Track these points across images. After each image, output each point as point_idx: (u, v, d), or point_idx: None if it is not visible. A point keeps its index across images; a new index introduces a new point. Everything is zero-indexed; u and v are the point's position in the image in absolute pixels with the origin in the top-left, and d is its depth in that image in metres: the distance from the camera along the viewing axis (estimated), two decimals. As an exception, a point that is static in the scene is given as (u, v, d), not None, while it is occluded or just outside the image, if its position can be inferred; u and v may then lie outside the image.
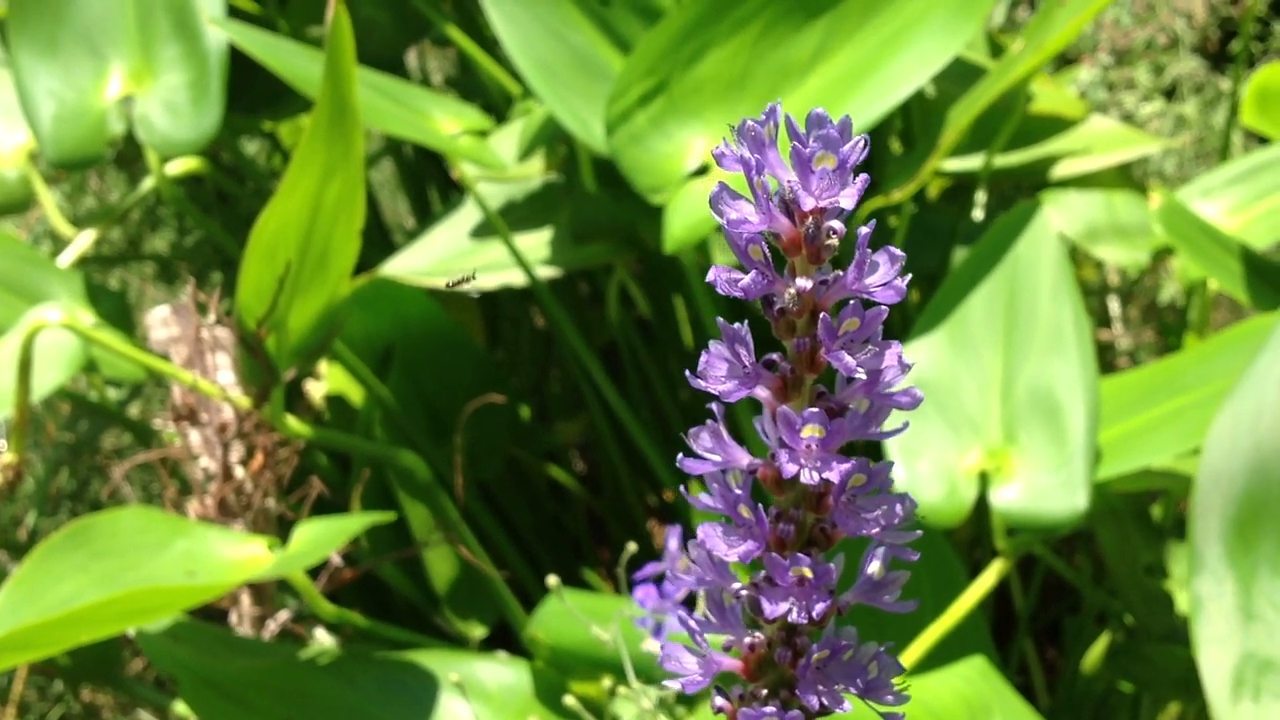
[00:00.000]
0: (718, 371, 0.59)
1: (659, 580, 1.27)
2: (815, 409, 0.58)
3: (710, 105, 1.55)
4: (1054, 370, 1.41)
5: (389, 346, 1.76)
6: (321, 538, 1.30)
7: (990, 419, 1.41)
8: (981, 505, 1.39)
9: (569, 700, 1.18)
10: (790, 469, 0.58)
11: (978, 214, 1.79)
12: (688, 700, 1.30)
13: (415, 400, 1.77)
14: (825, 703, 0.60)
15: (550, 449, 2.07)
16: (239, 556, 1.31)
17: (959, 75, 1.78)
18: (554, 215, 1.78)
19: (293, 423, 1.38)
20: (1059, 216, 1.76)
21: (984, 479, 1.38)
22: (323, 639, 1.54)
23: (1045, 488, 1.35)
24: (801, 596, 0.59)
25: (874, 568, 0.62)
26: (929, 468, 1.39)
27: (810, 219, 0.57)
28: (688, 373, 0.59)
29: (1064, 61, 2.34)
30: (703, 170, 1.52)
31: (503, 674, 1.36)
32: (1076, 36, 1.52)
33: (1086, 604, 1.75)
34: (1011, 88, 1.60)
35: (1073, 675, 1.75)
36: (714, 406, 0.60)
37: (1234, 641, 1.14)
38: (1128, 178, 1.85)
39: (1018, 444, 1.38)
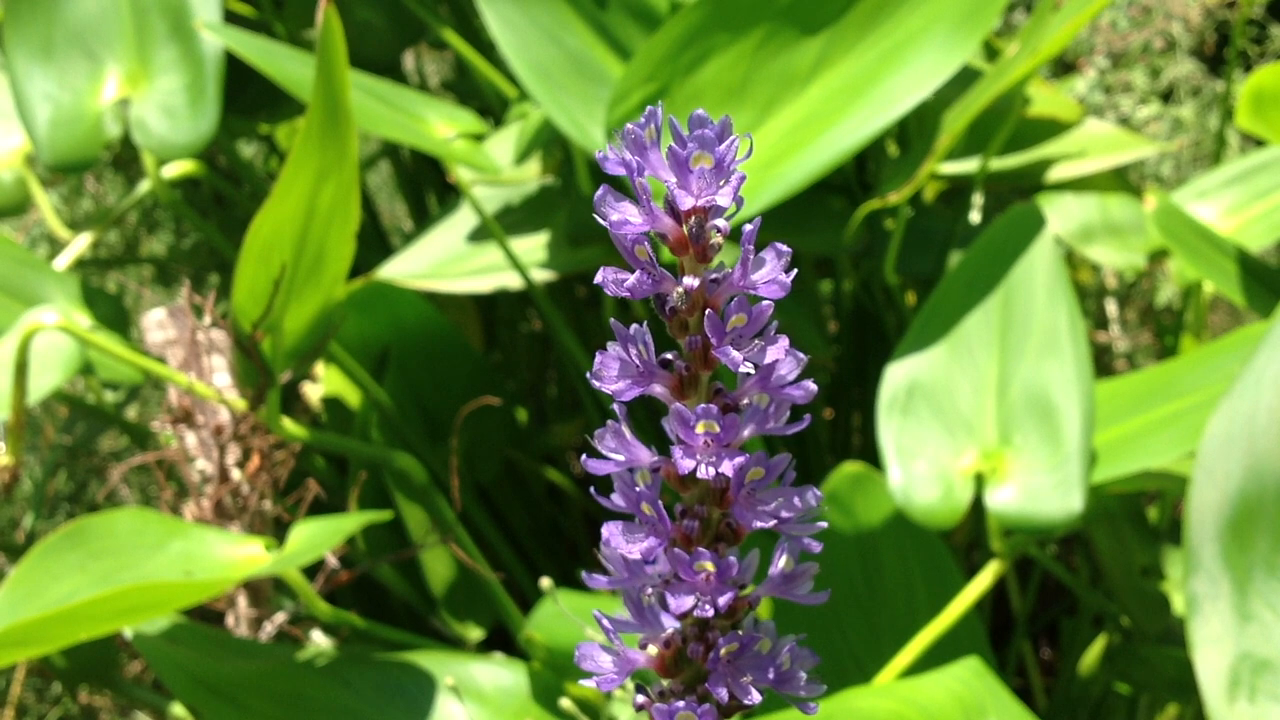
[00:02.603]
0: (611, 371, 0.60)
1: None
2: (708, 405, 0.58)
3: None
4: (1049, 372, 1.41)
5: (385, 349, 1.76)
6: (318, 538, 1.30)
7: (986, 420, 1.41)
8: (978, 507, 1.39)
9: (565, 702, 1.18)
10: (686, 465, 0.59)
11: (974, 216, 1.79)
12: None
13: (412, 403, 1.77)
14: (735, 695, 0.60)
15: (547, 451, 2.07)
16: (236, 556, 1.31)
17: (955, 78, 1.78)
18: (550, 218, 1.78)
19: (289, 425, 1.38)
20: (1054, 219, 1.76)
21: (979, 480, 1.38)
22: (319, 640, 1.54)
23: (1040, 489, 1.35)
24: (707, 591, 0.60)
25: (783, 561, 0.63)
26: (925, 469, 1.40)
27: (693, 218, 0.58)
28: (587, 374, 0.60)
29: (1063, 67, 2.34)
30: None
31: (499, 675, 1.36)
32: (1072, 40, 1.52)
33: (1083, 606, 1.75)
34: (1007, 91, 1.60)
35: (1070, 677, 1.75)
36: (616, 407, 0.60)
37: (1229, 642, 1.14)
38: (1123, 181, 1.85)
39: (1013, 445, 1.38)
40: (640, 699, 0.62)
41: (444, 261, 1.76)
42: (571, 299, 2.09)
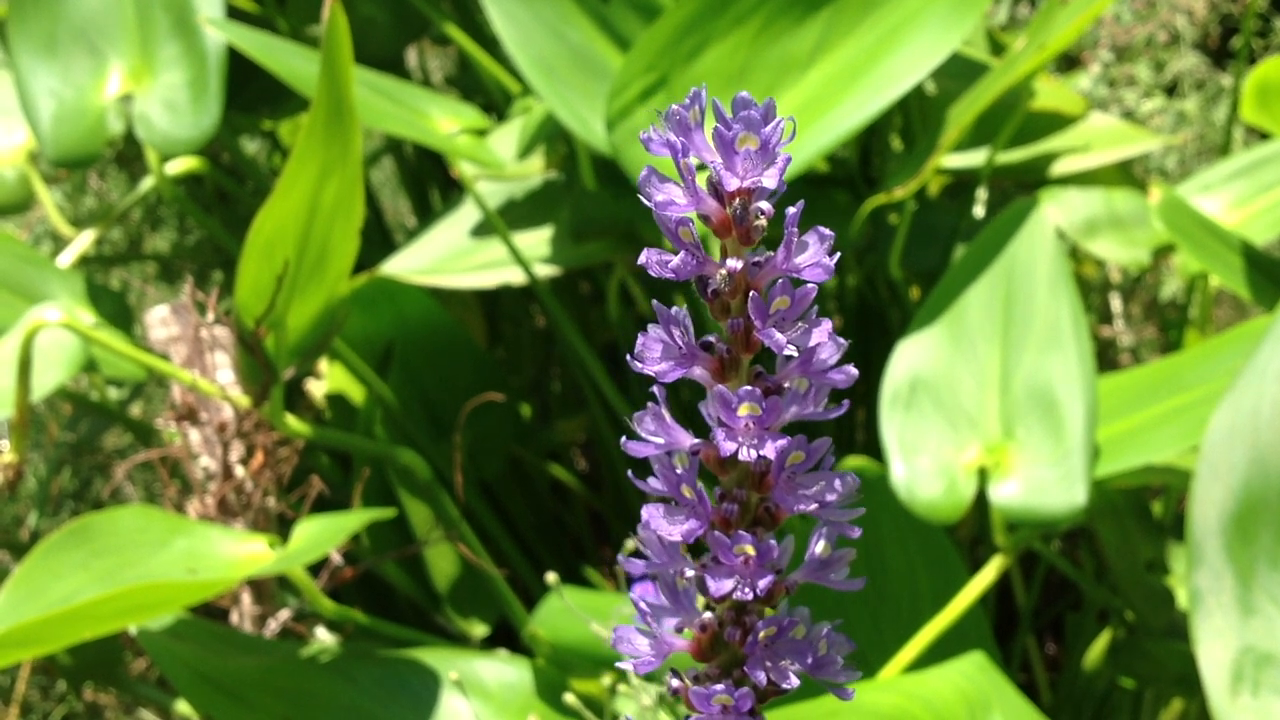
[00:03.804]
0: (653, 353, 0.60)
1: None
2: (750, 387, 0.58)
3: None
4: (1052, 366, 1.40)
5: (389, 345, 1.76)
6: (322, 535, 1.30)
7: (988, 415, 1.41)
8: (981, 501, 1.39)
9: (569, 698, 1.18)
10: (728, 447, 0.58)
11: (978, 211, 1.79)
12: (688, 697, 1.30)
13: (415, 399, 1.77)
14: (773, 679, 0.60)
15: (551, 447, 2.07)
16: (240, 554, 1.31)
17: (960, 72, 1.78)
18: (554, 213, 1.78)
19: (292, 421, 1.38)
20: (1059, 214, 1.76)
21: (983, 475, 1.38)
22: (323, 637, 1.54)
23: (1044, 483, 1.34)
24: (746, 574, 0.60)
25: (820, 546, 0.63)
26: (928, 464, 1.39)
27: (737, 200, 0.58)
28: (628, 356, 0.60)
29: (1066, 61, 2.34)
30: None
31: (503, 672, 1.36)
32: (1078, 35, 1.52)
33: (1088, 600, 1.75)
34: (1013, 86, 1.59)
35: (1074, 672, 1.74)
36: (656, 390, 0.60)
37: (1233, 635, 1.14)
38: (1128, 175, 1.85)
39: (1016, 439, 1.38)
40: (675, 683, 0.62)
41: (447, 257, 1.76)
42: (575, 294, 2.09)
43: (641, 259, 0.59)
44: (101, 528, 1.29)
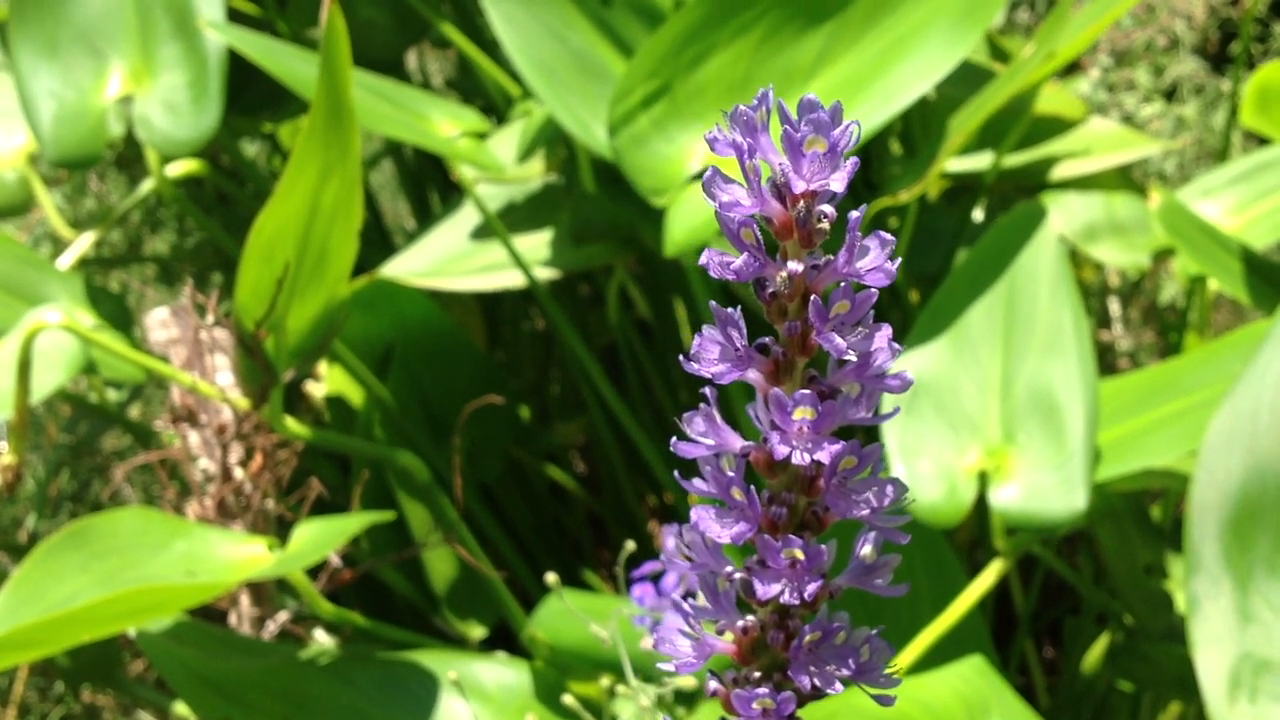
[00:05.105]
0: (710, 354, 0.60)
1: (656, 578, 1.27)
2: (807, 391, 0.58)
3: (713, 109, 1.55)
4: (1053, 370, 1.41)
5: (389, 347, 1.76)
6: (321, 538, 1.30)
7: (989, 419, 1.41)
8: (981, 505, 1.39)
9: (568, 700, 1.18)
10: (782, 451, 0.58)
11: (977, 214, 1.79)
12: (687, 699, 1.30)
13: (415, 401, 1.77)
14: (817, 684, 0.60)
15: (550, 450, 2.07)
16: (238, 557, 1.31)
17: (959, 77, 1.78)
18: (554, 216, 1.78)
19: (292, 424, 1.38)
20: (1058, 218, 1.76)
21: (983, 479, 1.38)
22: (322, 639, 1.54)
23: (1044, 487, 1.35)
24: (794, 578, 0.60)
25: (866, 551, 0.62)
26: (928, 467, 1.39)
27: (801, 202, 0.58)
28: (681, 357, 0.59)
29: (1067, 65, 2.34)
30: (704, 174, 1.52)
31: (502, 674, 1.37)
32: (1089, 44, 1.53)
33: (1086, 604, 1.75)
34: (1020, 93, 1.59)
35: (1073, 675, 1.74)
36: (707, 391, 0.60)
37: (1231, 642, 1.14)
38: (1128, 179, 1.85)
39: (1016, 444, 1.38)
40: (714, 685, 0.62)
41: (447, 260, 1.76)
42: (574, 297, 2.09)
43: (703, 259, 0.58)
44: (101, 530, 1.29)
